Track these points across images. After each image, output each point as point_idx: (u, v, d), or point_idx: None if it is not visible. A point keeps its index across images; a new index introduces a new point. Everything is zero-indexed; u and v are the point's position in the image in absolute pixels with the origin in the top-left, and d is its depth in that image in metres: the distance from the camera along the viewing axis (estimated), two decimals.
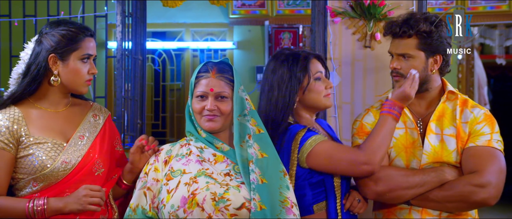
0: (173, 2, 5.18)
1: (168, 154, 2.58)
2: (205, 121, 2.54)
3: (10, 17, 5.39)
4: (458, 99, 2.87)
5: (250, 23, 8.24)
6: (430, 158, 2.80)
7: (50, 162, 2.55)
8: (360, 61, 3.92)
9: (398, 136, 2.86)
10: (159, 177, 2.53)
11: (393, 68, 2.86)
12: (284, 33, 8.09)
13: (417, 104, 2.90)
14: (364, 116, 2.98)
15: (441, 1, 7.66)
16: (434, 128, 2.83)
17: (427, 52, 2.82)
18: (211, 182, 2.43)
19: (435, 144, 2.81)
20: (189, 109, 2.61)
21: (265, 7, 8.12)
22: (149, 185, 2.53)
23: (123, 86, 4.95)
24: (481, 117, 2.82)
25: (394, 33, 2.86)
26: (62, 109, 2.70)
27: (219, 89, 2.53)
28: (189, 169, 2.49)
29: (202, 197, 2.38)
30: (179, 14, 7.97)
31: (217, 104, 2.53)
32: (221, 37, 8.42)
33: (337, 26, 3.91)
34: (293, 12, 8.09)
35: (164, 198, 2.45)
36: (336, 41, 3.94)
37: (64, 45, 2.61)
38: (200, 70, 2.58)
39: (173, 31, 8.50)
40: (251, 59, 8.17)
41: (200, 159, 2.52)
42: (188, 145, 2.59)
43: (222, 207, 2.38)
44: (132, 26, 5.03)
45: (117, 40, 4.92)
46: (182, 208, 2.39)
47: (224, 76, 2.56)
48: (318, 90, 2.88)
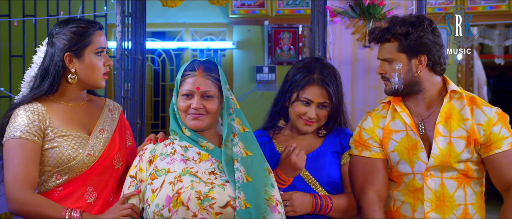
0: (172, 2, 5.18)
1: (152, 153, 2.58)
2: (190, 119, 2.53)
3: (10, 17, 5.38)
4: (465, 98, 2.84)
5: (249, 23, 8.23)
6: (437, 161, 2.77)
7: (75, 154, 2.57)
8: (359, 61, 3.92)
9: (399, 139, 2.84)
10: (143, 177, 2.53)
11: (379, 73, 2.88)
12: (284, 33, 8.08)
13: (416, 106, 2.88)
14: (363, 121, 2.97)
15: (440, 1, 7.66)
16: (442, 130, 2.80)
17: (408, 53, 2.80)
18: (196, 181, 2.43)
19: (443, 147, 2.78)
20: (174, 107, 2.60)
21: (264, 7, 8.11)
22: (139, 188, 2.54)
23: (123, 86, 4.94)
24: (495, 117, 2.79)
25: (375, 39, 2.88)
26: (82, 103, 2.74)
27: (205, 88, 2.53)
28: (173, 168, 2.49)
29: (187, 196, 2.38)
30: (178, 14, 7.96)
31: (203, 103, 2.53)
32: (220, 37, 8.41)
33: (337, 26, 3.91)
34: (292, 12, 8.08)
35: (149, 198, 2.45)
36: (335, 41, 3.94)
37: (76, 41, 2.64)
38: (186, 69, 2.58)
39: (172, 31, 8.49)
40: (251, 59, 8.16)
41: (185, 158, 2.52)
42: (172, 144, 2.59)
43: (207, 206, 2.38)
44: (131, 26, 5.02)
45: (116, 40, 4.91)
46: (167, 207, 2.39)
47: (211, 75, 2.56)
48: (295, 110, 2.91)
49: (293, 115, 2.92)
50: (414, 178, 2.81)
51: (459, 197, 2.78)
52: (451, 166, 2.78)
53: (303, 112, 2.88)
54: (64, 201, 2.55)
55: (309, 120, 2.89)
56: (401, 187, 2.86)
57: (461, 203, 2.78)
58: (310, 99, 2.87)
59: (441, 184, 2.78)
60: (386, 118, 2.89)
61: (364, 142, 2.89)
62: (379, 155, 2.87)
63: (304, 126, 2.91)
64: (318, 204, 2.79)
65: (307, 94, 2.88)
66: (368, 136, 2.89)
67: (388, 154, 2.87)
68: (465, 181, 2.79)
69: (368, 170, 2.86)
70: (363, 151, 2.89)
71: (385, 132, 2.87)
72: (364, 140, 2.90)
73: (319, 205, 2.79)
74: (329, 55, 3.97)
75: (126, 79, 4.96)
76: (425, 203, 2.78)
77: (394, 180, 2.89)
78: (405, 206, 2.84)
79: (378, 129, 2.89)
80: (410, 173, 2.82)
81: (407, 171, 2.83)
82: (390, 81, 2.83)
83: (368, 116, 2.97)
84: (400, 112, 2.85)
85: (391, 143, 2.86)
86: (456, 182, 2.79)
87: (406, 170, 2.83)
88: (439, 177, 2.79)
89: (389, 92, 2.87)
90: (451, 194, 2.78)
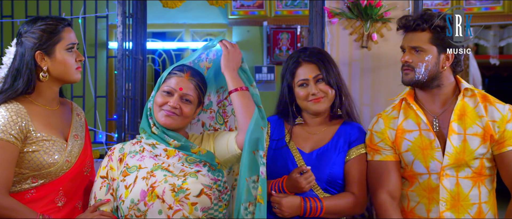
0: (172, 3, 5.16)
1: (121, 152, 2.59)
2: (163, 116, 2.54)
3: (13, 18, 5.37)
4: (478, 96, 2.83)
5: (248, 24, 8.23)
6: (452, 159, 2.76)
7: (55, 160, 2.53)
8: (357, 61, 3.91)
9: (413, 138, 2.83)
10: (115, 175, 2.54)
11: (405, 61, 2.83)
12: (282, 33, 8.08)
13: (431, 102, 2.86)
14: (374, 124, 2.95)
15: (436, 2, 7.66)
16: (456, 128, 2.78)
17: (439, 47, 2.80)
18: (168, 175, 2.45)
19: (457, 145, 2.76)
20: (148, 105, 2.60)
21: (263, 8, 8.11)
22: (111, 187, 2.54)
23: (124, 86, 4.93)
24: (508, 114, 2.79)
25: (408, 26, 2.83)
26: (57, 107, 2.68)
27: (187, 91, 2.55)
28: (144, 164, 2.50)
29: (161, 189, 2.40)
30: (178, 15, 7.96)
31: (180, 105, 2.53)
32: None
33: (335, 27, 3.91)
34: (291, 13, 8.08)
35: (123, 194, 2.46)
36: (333, 42, 3.93)
37: (46, 39, 2.57)
38: (175, 69, 2.60)
39: (173, 32, 8.49)
40: (250, 59, 8.16)
41: (153, 154, 2.53)
42: (139, 142, 2.61)
43: (182, 197, 2.40)
44: (132, 27, 5.01)
45: (118, 41, 4.90)
46: (142, 201, 2.40)
47: (195, 81, 2.58)
48: (299, 97, 2.94)
49: (301, 102, 2.94)
50: (430, 177, 2.80)
51: (473, 196, 2.77)
52: (466, 163, 2.76)
53: (304, 95, 2.91)
54: (35, 204, 2.50)
55: (314, 96, 2.90)
56: (414, 187, 2.84)
57: (475, 202, 2.77)
58: (304, 78, 2.91)
59: (457, 183, 2.77)
60: (398, 119, 2.88)
61: (374, 145, 2.89)
62: (390, 157, 2.87)
63: (314, 105, 2.92)
64: (307, 208, 2.79)
65: (300, 76, 2.92)
66: (379, 138, 2.88)
67: (401, 154, 2.86)
68: (479, 180, 2.78)
69: (379, 172, 2.86)
70: (375, 155, 2.89)
71: (398, 132, 2.86)
72: (375, 143, 2.89)
73: (308, 209, 2.79)
74: None
75: (127, 79, 4.95)
76: (441, 203, 2.76)
77: (407, 179, 2.88)
78: (420, 206, 2.83)
79: (390, 130, 2.88)
80: (425, 173, 2.81)
81: (422, 171, 2.81)
82: (415, 71, 2.80)
83: (379, 118, 2.95)
84: (416, 110, 2.83)
85: (405, 143, 2.84)
86: (471, 181, 2.77)
87: (421, 170, 2.82)
88: (455, 177, 2.77)
89: (409, 82, 2.84)
90: (466, 194, 2.77)
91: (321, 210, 2.80)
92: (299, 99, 2.94)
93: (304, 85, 2.91)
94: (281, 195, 2.80)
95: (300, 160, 2.88)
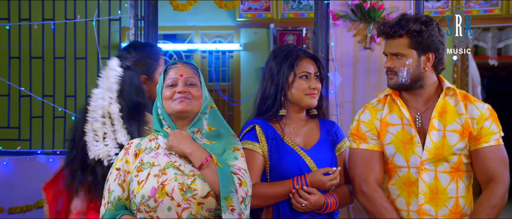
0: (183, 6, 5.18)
1: (138, 147, 2.58)
2: (177, 103, 2.50)
3: (30, 21, 5.39)
4: (458, 95, 2.85)
5: (256, 26, 8.23)
6: (431, 154, 2.78)
7: None
8: (360, 62, 3.92)
9: (395, 132, 2.84)
10: (130, 168, 2.53)
11: (388, 67, 2.85)
12: (289, 35, 8.08)
13: (414, 101, 2.88)
14: (361, 114, 2.95)
15: (437, 4, 7.64)
16: (437, 124, 2.80)
17: (418, 50, 2.80)
18: (179, 174, 2.44)
19: (436, 141, 2.78)
20: (157, 110, 2.59)
21: (270, 10, 8.12)
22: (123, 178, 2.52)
23: None
24: (487, 112, 2.82)
25: (386, 33, 2.85)
26: None
27: (188, 75, 2.54)
28: (158, 161, 2.50)
29: (171, 187, 2.40)
30: (189, 17, 7.97)
31: (188, 89, 2.52)
32: (228, 39, 8.42)
33: (339, 29, 3.91)
34: (297, 15, 8.08)
35: (135, 189, 2.46)
36: (337, 43, 3.93)
37: None
38: (167, 66, 2.60)
39: (183, 34, 8.50)
40: (257, 60, 8.16)
41: (168, 151, 2.52)
42: (156, 139, 2.59)
43: (189, 197, 2.40)
44: (144, 29, 5.01)
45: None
46: (153, 198, 2.40)
47: (191, 67, 2.58)
48: (299, 88, 2.89)
49: (298, 94, 2.90)
50: (409, 171, 2.81)
51: (451, 190, 2.79)
52: (444, 158, 2.78)
53: (306, 86, 2.89)
54: None
55: (313, 90, 2.90)
56: (394, 180, 2.85)
57: (453, 196, 2.79)
58: (308, 71, 2.90)
59: (435, 177, 2.78)
60: (383, 111, 2.89)
61: (362, 134, 2.89)
62: (376, 147, 2.87)
63: (310, 99, 2.91)
64: (329, 206, 2.82)
65: (304, 68, 2.90)
66: (367, 128, 2.89)
67: (384, 146, 2.87)
68: (457, 175, 2.80)
69: (368, 159, 2.86)
70: (361, 144, 2.89)
71: (382, 124, 2.87)
72: (362, 132, 2.90)
73: (328, 206, 2.82)
74: (331, 56, 3.97)
75: None
76: (420, 196, 2.78)
77: (387, 173, 2.88)
78: (400, 199, 2.84)
79: (376, 121, 2.89)
80: (405, 166, 2.82)
81: (403, 164, 2.82)
82: (398, 75, 2.82)
83: (365, 109, 2.96)
84: (400, 106, 2.85)
85: (388, 136, 2.85)
86: (449, 176, 2.79)
87: (401, 163, 2.83)
88: (433, 171, 2.79)
89: (394, 86, 2.85)
90: (444, 187, 2.78)
91: (336, 204, 2.85)
92: (297, 91, 2.90)
93: (305, 78, 2.90)
94: (312, 189, 2.79)
95: (307, 157, 2.88)
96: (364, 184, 2.83)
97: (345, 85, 3.93)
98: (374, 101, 2.97)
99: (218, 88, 8.14)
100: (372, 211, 2.82)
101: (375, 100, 2.97)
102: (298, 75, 2.89)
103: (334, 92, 3.94)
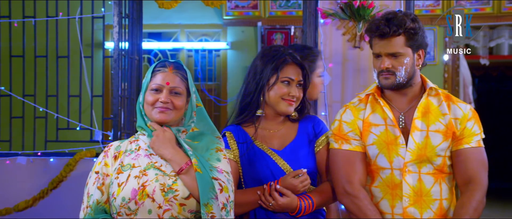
0: (168, 3, 5.16)
1: (117, 150, 2.58)
2: (157, 113, 2.52)
3: (10, 18, 5.36)
4: (441, 95, 2.86)
5: (243, 24, 8.22)
6: (414, 155, 2.77)
7: None
8: (349, 61, 3.92)
9: (378, 132, 2.83)
10: (109, 171, 2.52)
11: (386, 68, 2.81)
12: (276, 34, 8.08)
13: (399, 101, 2.87)
14: (343, 114, 2.93)
15: (428, 3, 7.67)
16: (419, 125, 2.80)
17: (413, 48, 2.80)
18: (160, 174, 2.44)
19: (419, 141, 2.78)
20: (140, 105, 2.59)
21: (257, 8, 8.11)
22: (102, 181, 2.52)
23: (120, 86, 4.93)
24: (469, 113, 2.82)
25: (384, 33, 2.80)
26: None
27: (174, 84, 2.53)
28: (138, 163, 2.49)
29: (151, 188, 2.40)
30: (174, 15, 7.95)
31: (171, 98, 2.52)
32: (215, 38, 8.40)
33: (328, 27, 3.91)
34: (285, 13, 8.08)
35: (115, 192, 2.45)
36: (326, 42, 3.94)
37: None
38: (157, 66, 2.59)
39: (168, 32, 8.48)
40: (244, 59, 8.15)
41: (149, 152, 2.52)
42: (136, 141, 2.59)
43: (171, 197, 2.39)
44: (128, 27, 5.00)
45: (114, 41, 4.89)
46: (133, 200, 2.39)
47: (180, 73, 2.57)
48: (278, 91, 2.88)
49: (276, 98, 2.88)
50: (392, 173, 2.80)
51: (435, 192, 2.79)
52: (427, 160, 2.78)
53: (286, 92, 2.87)
54: None
55: (291, 99, 2.88)
56: (377, 183, 2.84)
57: (437, 198, 2.79)
58: (291, 78, 2.88)
59: (419, 179, 2.78)
60: (366, 111, 2.88)
61: (344, 135, 2.88)
62: (359, 148, 2.86)
63: (287, 107, 2.89)
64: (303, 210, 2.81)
65: (287, 74, 2.88)
66: (349, 128, 2.88)
67: (366, 147, 2.85)
68: (440, 177, 2.80)
69: (351, 160, 2.84)
70: (344, 144, 2.87)
71: (364, 125, 2.86)
72: (344, 133, 2.88)
73: (302, 211, 2.81)
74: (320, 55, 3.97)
75: (123, 78, 4.95)
76: (404, 199, 2.77)
77: (369, 174, 2.87)
78: (383, 202, 2.83)
79: (359, 120, 2.87)
80: (388, 168, 2.81)
81: (386, 166, 2.81)
82: (396, 75, 2.80)
83: (346, 108, 2.94)
84: (383, 106, 2.85)
85: (371, 136, 2.84)
86: (433, 178, 2.79)
87: (384, 165, 2.82)
88: (417, 173, 2.78)
89: (390, 86, 2.82)
90: (428, 189, 2.78)
91: (313, 206, 2.83)
92: (275, 94, 2.88)
93: (287, 83, 2.89)
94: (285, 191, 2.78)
95: (279, 158, 2.87)
96: (348, 185, 2.81)
97: (334, 84, 3.94)
98: (356, 101, 2.96)
99: (204, 88, 8.13)
100: (356, 213, 2.80)
101: (356, 100, 2.95)
102: (280, 79, 2.88)
103: (323, 92, 3.95)
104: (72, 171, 5.06)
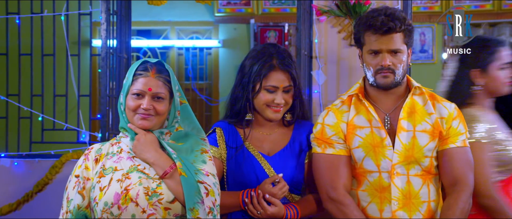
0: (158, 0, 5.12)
1: (99, 153, 2.55)
2: (139, 119, 2.50)
3: None
4: (426, 94, 2.85)
5: (235, 22, 8.19)
6: (401, 156, 2.76)
7: None
8: (345, 60, 3.91)
9: (364, 135, 2.80)
10: (90, 175, 2.50)
11: (386, 65, 2.77)
12: (270, 31, 8.05)
13: (385, 101, 2.85)
14: (325, 117, 2.89)
15: (425, 0, 7.67)
16: (406, 125, 2.78)
17: (408, 45, 2.80)
18: (143, 177, 2.42)
19: (406, 142, 2.76)
20: (121, 107, 2.57)
21: (250, 5, 8.08)
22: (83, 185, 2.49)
23: (108, 85, 4.88)
24: (454, 112, 2.83)
25: (390, 28, 2.74)
26: None
27: (157, 90, 2.50)
28: (120, 166, 2.47)
29: (135, 192, 2.37)
30: (164, 12, 7.92)
31: (153, 104, 2.50)
32: (206, 36, 8.37)
33: (323, 25, 3.89)
34: (278, 10, 8.05)
35: (97, 196, 2.42)
36: (321, 40, 3.92)
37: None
38: (139, 68, 2.55)
39: (158, 30, 8.44)
40: (237, 57, 8.11)
41: (131, 155, 2.50)
42: (118, 143, 2.57)
43: (155, 201, 2.37)
44: (116, 24, 4.96)
45: (101, 38, 4.85)
46: (116, 204, 2.37)
47: (162, 77, 2.54)
48: (263, 99, 2.86)
49: (260, 104, 2.87)
50: (380, 176, 2.78)
51: (423, 194, 2.77)
52: (415, 161, 2.76)
53: (270, 100, 2.85)
54: None
55: (276, 106, 2.86)
56: (364, 186, 2.81)
57: (425, 200, 2.77)
58: (275, 86, 2.85)
59: (408, 181, 2.76)
60: (350, 113, 2.85)
61: (327, 139, 2.84)
62: (343, 151, 2.83)
63: (273, 114, 2.87)
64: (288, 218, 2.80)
65: (271, 82, 2.84)
66: (332, 132, 2.84)
67: (352, 150, 2.82)
68: (428, 178, 2.79)
69: (335, 165, 2.81)
70: (327, 148, 2.84)
71: (349, 127, 2.83)
72: (327, 136, 2.84)
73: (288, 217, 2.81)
74: (315, 54, 3.95)
75: (111, 77, 4.90)
76: (393, 202, 2.75)
77: (355, 178, 2.84)
78: (371, 206, 2.80)
79: (342, 123, 2.84)
80: (375, 171, 2.78)
81: (373, 169, 2.79)
82: (395, 73, 2.77)
83: (329, 111, 2.90)
84: (367, 107, 2.82)
85: (356, 139, 2.81)
86: (421, 179, 2.78)
87: (371, 168, 2.79)
88: (406, 175, 2.76)
89: (390, 85, 2.79)
90: (416, 191, 2.76)
91: (297, 216, 2.82)
92: (260, 102, 2.87)
93: (271, 91, 2.85)
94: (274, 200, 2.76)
95: (266, 164, 2.85)
96: (332, 191, 2.78)
97: (329, 84, 3.92)
98: (338, 103, 2.92)
99: (195, 87, 8.10)
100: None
101: (338, 102, 2.92)
102: (264, 87, 2.85)
103: (317, 92, 3.93)
104: (58, 173, 5.02)
